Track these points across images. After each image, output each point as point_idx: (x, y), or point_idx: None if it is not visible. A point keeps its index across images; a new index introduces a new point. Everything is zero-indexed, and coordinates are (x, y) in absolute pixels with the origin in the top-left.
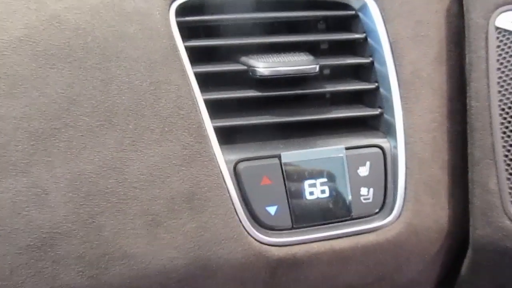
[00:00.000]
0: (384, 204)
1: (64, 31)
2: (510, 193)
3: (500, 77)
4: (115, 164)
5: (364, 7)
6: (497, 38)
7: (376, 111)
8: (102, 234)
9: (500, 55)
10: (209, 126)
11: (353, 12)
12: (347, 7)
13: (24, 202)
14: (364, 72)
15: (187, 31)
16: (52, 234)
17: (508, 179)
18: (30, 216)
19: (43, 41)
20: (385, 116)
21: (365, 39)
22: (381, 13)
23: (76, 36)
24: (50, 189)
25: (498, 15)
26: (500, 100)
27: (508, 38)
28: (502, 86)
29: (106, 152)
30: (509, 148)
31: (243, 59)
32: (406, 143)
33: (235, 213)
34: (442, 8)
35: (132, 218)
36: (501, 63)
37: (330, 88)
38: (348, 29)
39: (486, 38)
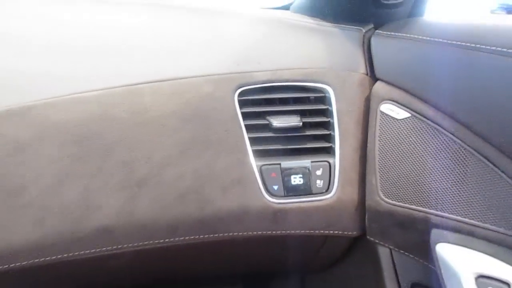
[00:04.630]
0: (328, 188)
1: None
2: (379, 185)
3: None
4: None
5: (326, 92)
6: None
7: (329, 144)
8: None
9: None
10: (249, 149)
11: (323, 94)
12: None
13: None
14: (327, 124)
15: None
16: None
17: (379, 177)
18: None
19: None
20: (332, 146)
21: (327, 109)
22: (334, 96)
23: (179, 107)
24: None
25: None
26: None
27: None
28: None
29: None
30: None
31: (267, 117)
32: (340, 161)
33: (260, 189)
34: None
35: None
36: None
37: (309, 132)
38: (324, 103)
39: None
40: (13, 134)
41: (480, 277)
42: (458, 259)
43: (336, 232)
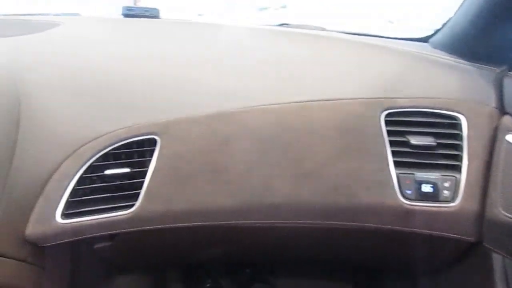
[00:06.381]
0: (453, 198)
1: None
2: (500, 200)
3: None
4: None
5: (459, 120)
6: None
7: (457, 163)
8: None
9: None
10: (390, 159)
11: (456, 121)
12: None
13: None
14: (457, 146)
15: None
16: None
17: (501, 194)
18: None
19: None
20: (460, 164)
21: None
22: (466, 124)
23: (338, 121)
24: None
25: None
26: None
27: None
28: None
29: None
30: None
31: (407, 136)
32: (466, 177)
33: (396, 191)
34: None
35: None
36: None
37: (441, 151)
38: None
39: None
40: (222, 130)
41: None
42: None
43: (456, 236)
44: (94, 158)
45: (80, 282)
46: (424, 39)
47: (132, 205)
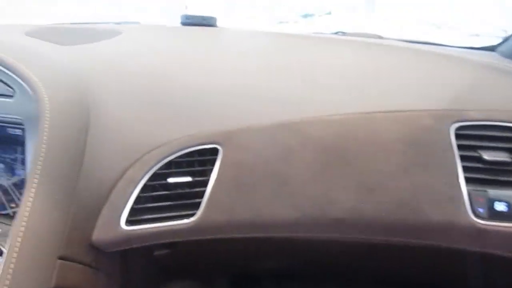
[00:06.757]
0: None
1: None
2: None
3: None
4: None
5: None
6: None
7: None
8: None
9: None
10: (461, 175)
11: None
12: None
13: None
14: None
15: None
16: None
17: None
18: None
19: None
20: None
21: None
22: None
23: (405, 134)
24: None
25: None
26: None
27: None
28: None
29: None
30: None
31: (479, 151)
32: None
33: (467, 209)
34: None
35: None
36: None
37: None
38: None
39: None
40: (284, 140)
41: None
42: None
43: None
44: (158, 166)
45: (131, 287)
46: (491, 48)
47: (193, 214)
